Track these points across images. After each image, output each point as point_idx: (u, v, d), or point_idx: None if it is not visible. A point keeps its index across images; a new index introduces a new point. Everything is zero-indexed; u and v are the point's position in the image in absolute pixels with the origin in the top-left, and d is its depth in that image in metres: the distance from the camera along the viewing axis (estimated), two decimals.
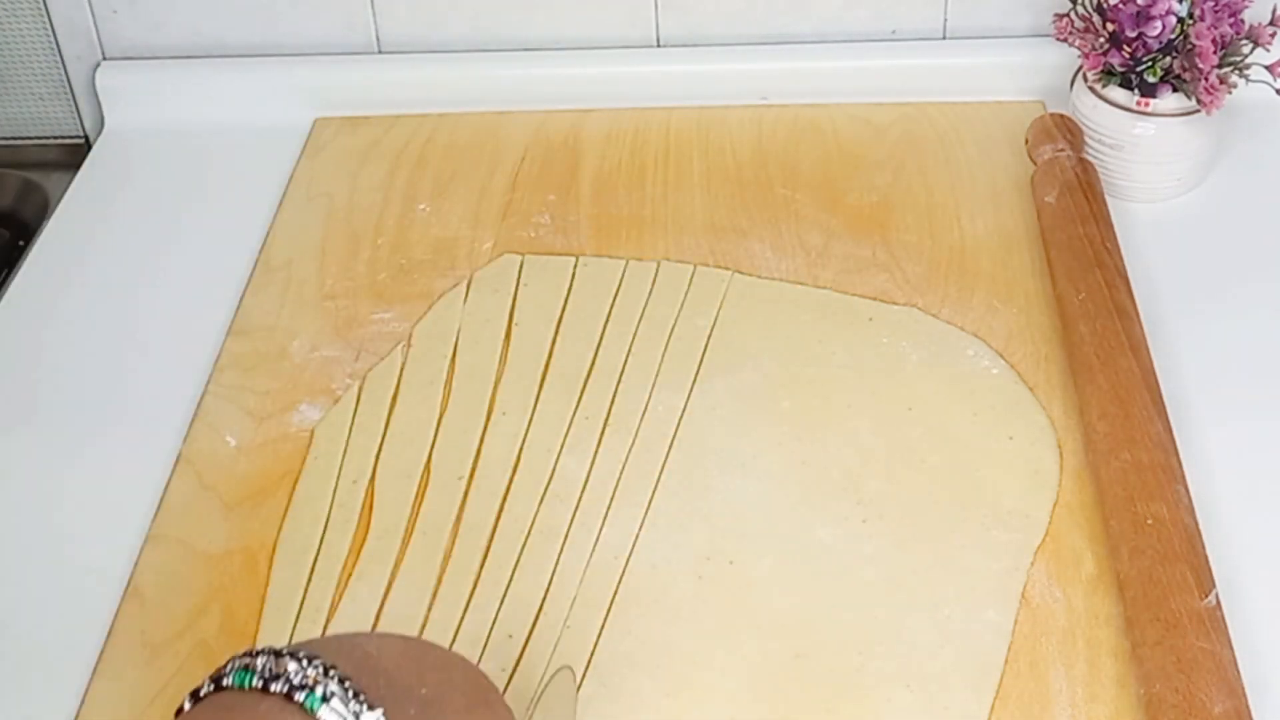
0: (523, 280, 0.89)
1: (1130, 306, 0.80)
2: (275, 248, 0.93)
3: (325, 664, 0.44)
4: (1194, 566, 0.65)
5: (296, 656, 0.44)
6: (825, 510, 0.73)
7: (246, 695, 0.43)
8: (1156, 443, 0.71)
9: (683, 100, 1.03)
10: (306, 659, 0.44)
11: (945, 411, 0.78)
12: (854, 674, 0.66)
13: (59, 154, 1.07)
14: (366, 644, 0.47)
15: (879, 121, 1.01)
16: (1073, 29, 0.91)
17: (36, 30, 1.04)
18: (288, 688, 0.43)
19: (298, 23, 1.04)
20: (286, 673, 0.43)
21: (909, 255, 0.89)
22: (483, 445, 0.78)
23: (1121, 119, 0.91)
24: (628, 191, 0.96)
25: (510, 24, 1.04)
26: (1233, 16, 0.87)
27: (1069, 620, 0.67)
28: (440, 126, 1.03)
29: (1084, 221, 0.85)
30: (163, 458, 0.78)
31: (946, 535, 0.72)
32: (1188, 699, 0.60)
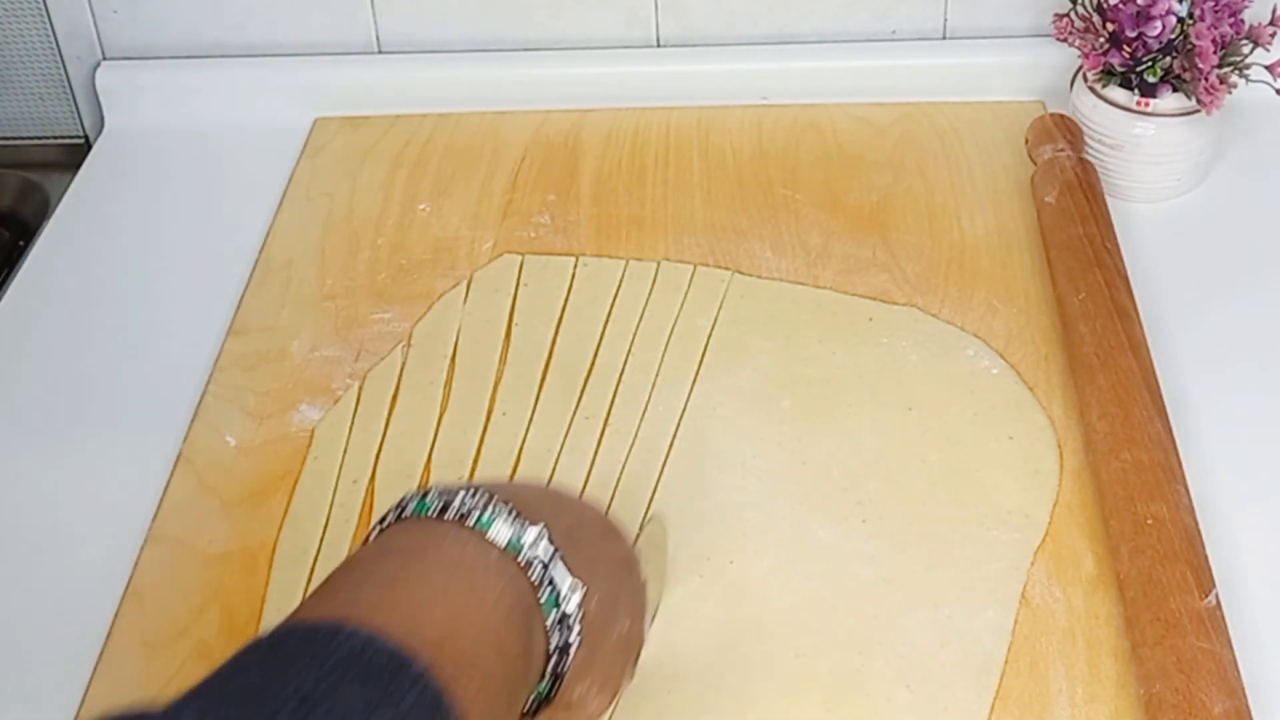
0: (523, 280, 0.89)
1: (1130, 306, 0.80)
2: (275, 248, 0.93)
3: (488, 493, 0.51)
4: (1194, 566, 0.65)
5: (462, 489, 0.52)
6: (825, 510, 0.73)
7: (427, 521, 0.51)
8: (1156, 443, 0.71)
9: (683, 100, 1.03)
10: (471, 490, 0.52)
11: (945, 411, 0.78)
12: (854, 674, 0.66)
13: (59, 154, 1.07)
14: (511, 486, 0.54)
15: (879, 121, 1.01)
16: (1073, 29, 0.91)
17: (36, 30, 1.04)
18: (460, 513, 0.51)
19: (298, 23, 1.04)
20: (456, 501, 0.51)
21: (909, 255, 0.89)
22: (483, 445, 0.78)
23: (1121, 119, 0.91)
24: (628, 191, 0.96)
25: (510, 24, 1.04)
26: (1233, 16, 0.87)
27: (1069, 620, 0.67)
28: (440, 126, 1.03)
29: (1084, 221, 0.85)
30: (163, 458, 0.78)
31: (946, 535, 0.72)
32: (1188, 699, 0.60)
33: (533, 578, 0.51)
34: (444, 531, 0.51)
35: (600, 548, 0.57)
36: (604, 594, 0.55)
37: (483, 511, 0.51)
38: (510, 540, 0.51)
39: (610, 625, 0.56)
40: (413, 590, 0.48)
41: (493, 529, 0.51)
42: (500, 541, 0.51)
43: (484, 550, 0.50)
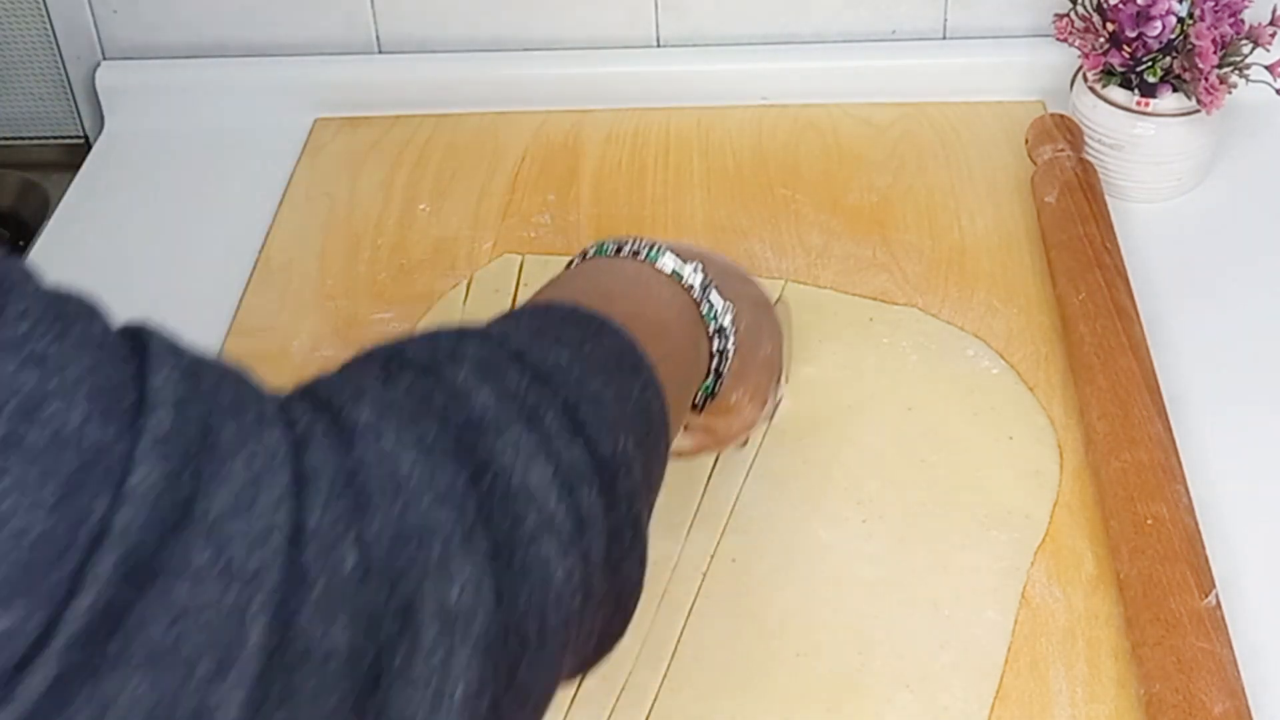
0: (523, 280, 0.89)
1: (1130, 306, 0.80)
2: (275, 248, 0.93)
3: (652, 241, 0.63)
4: (1194, 566, 0.65)
5: (632, 238, 0.63)
6: (825, 510, 0.73)
7: (607, 257, 0.63)
8: (1156, 443, 0.71)
9: (683, 100, 1.03)
10: (639, 239, 0.63)
11: (945, 411, 0.78)
12: (854, 674, 0.66)
13: (59, 154, 1.07)
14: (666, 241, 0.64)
15: (879, 121, 1.01)
16: (1073, 29, 0.91)
17: (36, 30, 1.04)
18: (633, 250, 0.62)
19: (298, 23, 1.04)
20: (629, 244, 0.63)
21: (909, 255, 0.89)
22: None
23: (1121, 119, 0.91)
24: (628, 191, 0.96)
25: (510, 24, 1.04)
26: (1233, 16, 0.87)
27: (1069, 620, 0.67)
28: (440, 126, 1.03)
29: (1084, 221, 0.85)
30: None
31: (946, 535, 0.72)
32: (1188, 699, 0.60)
33: (695, 297, 0.62)
34: (623, 262, 0.62)
35: (742, 289, 0.68)
36: (749, 320, 0.67)
37: (650, 249, 0.62)
38: (674, 269, 0.62)
39: (756, 346, 0.68)
40: (606, 287, 0.61)
41: (660, 261, 0.62)
42: (666, 270, 0.62)
43: (656, 272, 0.62)
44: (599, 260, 0.63)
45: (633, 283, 0.61)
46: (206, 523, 0.34)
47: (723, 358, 0.63)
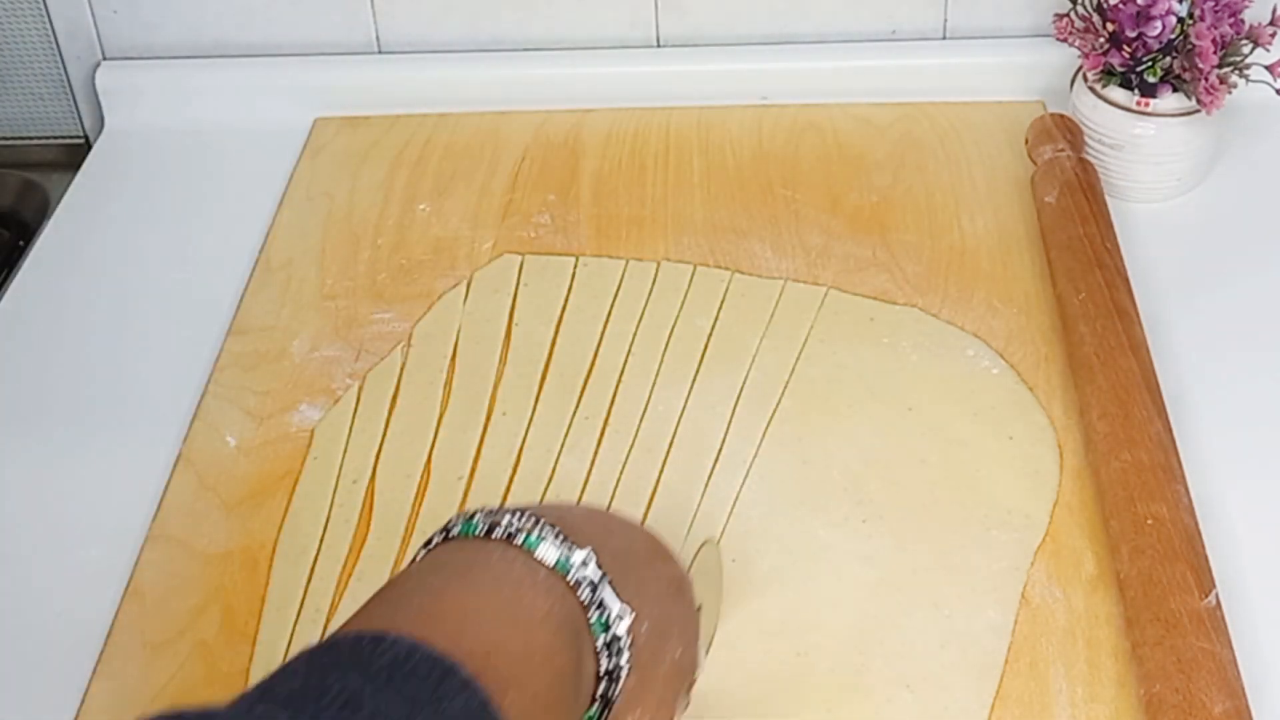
0: (523, 280, 0.89)
1: (1130, 306, 0.80)
2: (275, 248, 0.93)
3: (534, 515, 0.51)
4: (1194, 566, 0.65)
5: (508, 511, 0.52)
6: (825, 510, 0.73)
7: (473, 541, 0.51)
8: (1156, 443, 0.71)
9: (683, 100, 1.03)
10: (517, 512, 0.51)
11: (945, 411, 0.78)
12: (854, 674, 0.66)
13: (59, 154, 1.07)
14: (555, 508, 0.53)
15: (879, 121, 1.01)
16: (1073, 29, 0.91)
17: (36, 30, 1.04)
18: (507, 533, 0.50)
19: (298, 23, 1.04)
20: (503, 522, 0.51)
21: (909, 255, 0.89)
22: (483, 445, 0.78)
23: (1121, 119, 0.91)
24: (628, 191, 0.96)
25: (510, 24, 1.04)
26: (1233, 16, 0.87)
27: (1069, 620, 0.67)
28: (440, 126, 1.03)
29: (1084, 221, 0.85)
30: (163, 458, 0.78)
31: (946, 535, 0.72)
32: (1188, 699, 0.60)
33: (582, 598, 0.50)
34: (491, 549, 0.51)
35: (650, 571, 0.56)
36: (654, 619, 0.54)
37: (529, 533, 0.51)
38: (559, 560, 0.50)
39: (662, 652, 0.55)
40: (460, 602, 0.48)
41: (540, 549, 0.50)
42: (548, 561, 0.50)
43: (532, 568, 0.50)
44: (462, 550, 0.51)
45: (499, 591, 0.49)
46: None
47: (613, 680, 0.52)
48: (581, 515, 0.55)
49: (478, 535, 0.51)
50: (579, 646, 0.50)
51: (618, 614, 0.51)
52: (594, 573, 0.51)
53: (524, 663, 0.47)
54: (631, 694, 0.53)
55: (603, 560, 0.51)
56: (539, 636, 0.48)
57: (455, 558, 0.51)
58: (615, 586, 0.51)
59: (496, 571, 0.50)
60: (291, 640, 0.68)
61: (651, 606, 0.54)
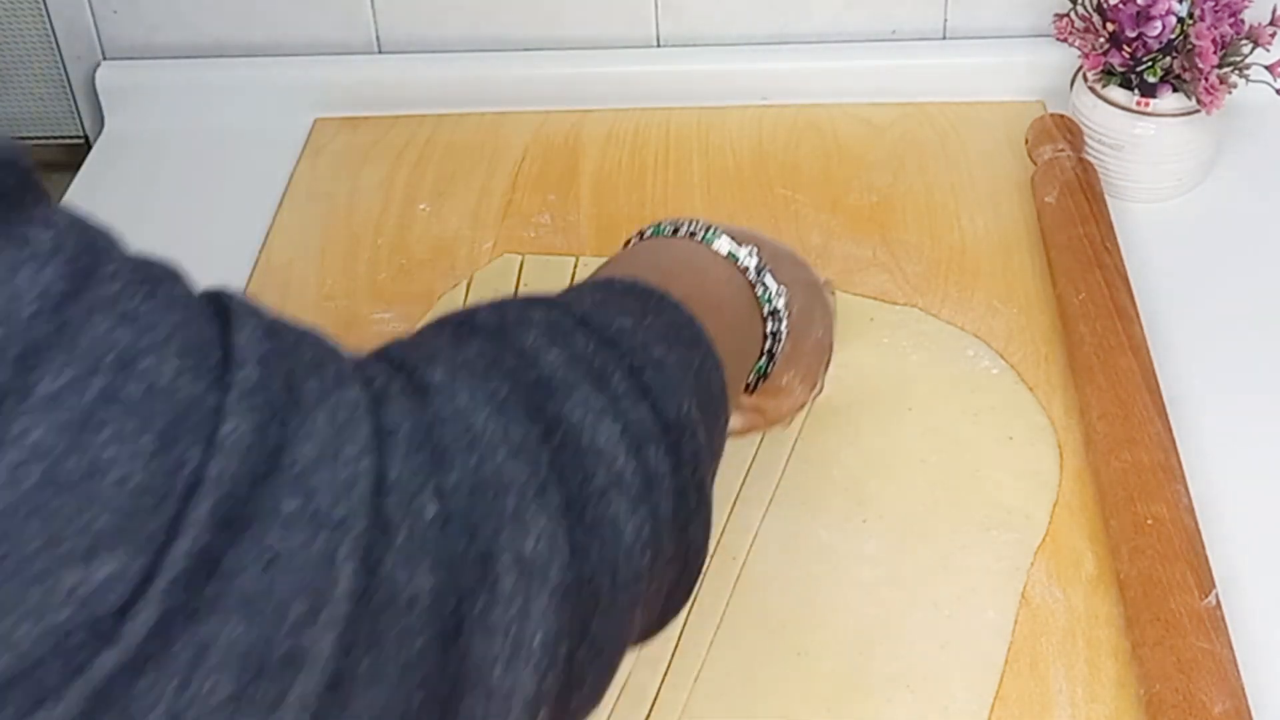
0: (523, 280, 0.89)
1: (1130, 306, 0.80)
2: (275, 248, 0.93)
3: (709, 222, 0.64)
4: (1194, 566, 0.65)
5: (688, 219, 0.64)
6: (825, 510, 0.73)
7: (663, 239, 0.64)
8: (1156, 443, 0.71)
9: (683, 100, 1.03)
10: (696, 220, 0.64)
11: (945, 411, 0.78)
12: (854, 674, 0.66)
13: (59, 154, 1.07)
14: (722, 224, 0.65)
15: (879, 121, 1.01)
16: (1073, 29, 0.91)
17: (36, 30, 1.04)
18: (689, 232, 0.64)
19: (298, 23, 1.04)
20: (684, 225, 0.64)
21: (909, 255, 0.89)
22: None
23: (1121, 119, 0.91)
24: (628, 191, 0.96)
25: (510, 24, 1.04)
26: (1233, 16, 0.87)
27: (1069, 620, 0.67)
28: (440, 126, 1.03)
29: (1084, 221, 0.85)
30: None
31: (946, 535, 0.72)
32: (1188, 699, 0.60)
33: (750, 279, 0.63)
34: (678, 240, 0.64)
35: (795, 272, 0.69)
36: (802, 304, 0.68)
37: (707, 231, 0.63)
38: (730, 251, 0.63)
39: (808, 329, 0.69)
40: (661, 265, 0.61)
41: (716, 243, 0.63)
42: (722, 251, 0.63)
43: (711, 253, 0.63)
44: (656, 240, 0.64)
45: (690, 262, 0.62)
46: (294, 472, 0.35)
47: (776, 339, 0.64)
48: (741, 229, 0.65)
49: (666, 235, 0.64)
50: (750, 311, 0.63)
51: (777, 291, 0.63)
52: (757, 262, 0.63)
53: (714, 307, 0.57)
54: (788, 356, 0.67)
55: (763, 254, 0.64)
56: (722, 294, 0.61)
57: (652, 244, 0.64)
58: (773, 274, 0.64)
59: (687, 253, 0.63)
60: None
61: (799, 293, 0.67)
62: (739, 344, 0.62)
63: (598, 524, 0.43)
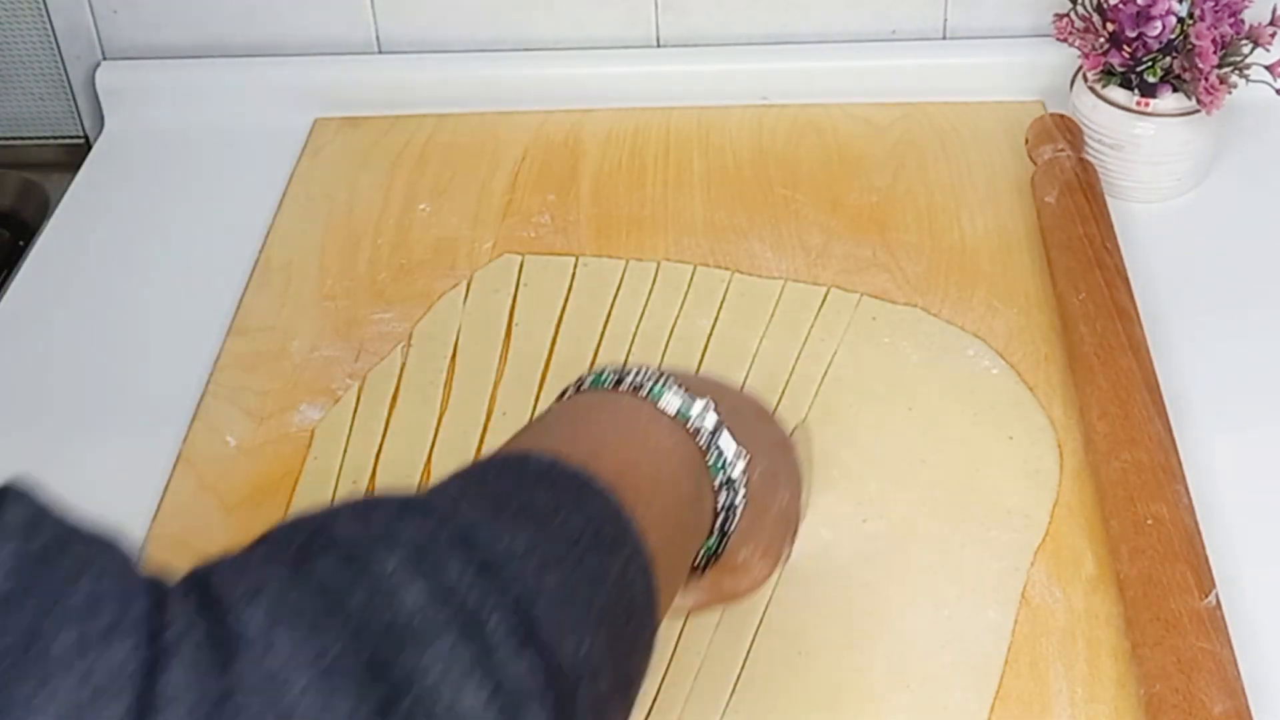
0: (523, 280, 0.89)
1: (1130, 306, 0.80)
2: (275, 248, 0.93)
3: (658, 371, 0.57)
4: (1194, 566, 0.65)
5: (634, 368, 0.57)
6: (825, 510, 0.73)
7: (603, 391, 0.57)
8: (1156, 443, 0.71)
9: (683, 100, 1.03)
10: (643, 368, 0.57)
11: (945, 411, 0.78)
12: (854, 674, 0.66)
13: (59, 154, 1.07)
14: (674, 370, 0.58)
15: (879, 121, 1.01)
16: (1073, 29, 0.91)
17: (36, 30, 1.04)
18: (634, 385, 0.56)
19: (298, 23, 1.04)
20: (630, 375, 0.56)
21: (909, 255, 0.89)
22: (483, 445, 0.78)
23: (1121, 119, 0.91)
24: (628, 191, 0.96)
25: (510, 24, 1.04)
26: (1233, 16, 0.87)
27: (1069, 620, 0.67)
28: (440, 126, 1.03)
29: (1084, 221, 0.85)
30: (163, 458, 0.78)
31: (946, 535, 0.72)
32: (1188, 699, 0.60)
33: (701, 443, 0.56)
34: (620, 396, 0.56)
35: (758, 429, 0.62)
36: (764, 467, 0.60)
37: (654, 384, 0.56)
38: (680, 408, 0.56)
39: (771, 496, 0.61)
40: (593, 432, 0.54)
41: (664, 399, 0.56)
42: (670, 410, 0.55)
43: (656, 414, 0.55)
44: (593, 396, 0.57)
45: (629, 427, 0.55)
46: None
47: (729, 514, 0.57)
48: (697, 378, 0.60)
49: (607, 387, 0.57)
50: (699, 483, 0.55)
51: (734, 456, 0.56)
52: (712, 420, 0.56)
53: (651, 485, 0.51)
54: (745, 531, 0.59)
55: (720, 410, 0.56)
56: (665, 466, 0.54)
57: (588, 400, 0.57)
58: (731, 434, 0.56)
59: (626, 415, 0.55)
60: None
61: (761, 455, 0.60)
62: (681, 528, 0.54)
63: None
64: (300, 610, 0.35)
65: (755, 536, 0.61)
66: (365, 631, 0.36)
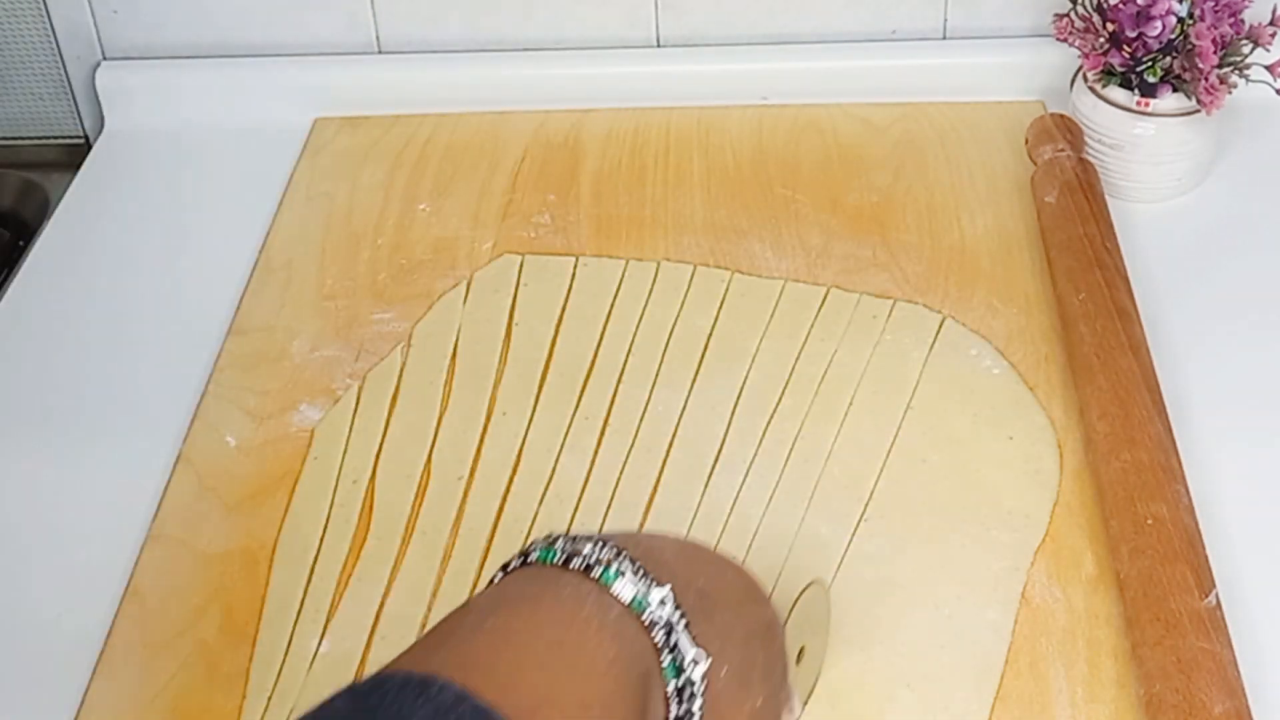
0: (523, 280, 0.89)
1: (1130, 306, 0.80)
2: (275, 248, 0.93)
3: (617, 546, 0.49)
4: (1194, 566, 0.65)
5: (591, 539, 0.49)
6: (825, 509, 0.73)
7: (550, 569, 0.49)
8: (1156, 443, 0.71)
9: (683, 100, 1.03)
10: (600, 542, 0.49)
11: (945, 411, 0.78)
12: (854, 673, 0.66)
13: (59, 154, 1.07)
14: (646, 539, 0.52)
15: (879, 121, 1.01)
16: (1073, 29, 0.91)
17: (36, 30, 1.04)
18: (585, 565, 0.48)
19: (298, 23, 1.04)
20: (583, 552, 0.49)
21: (909, 255, 0.89)
22: (483, 445, 0.78)
23: (1121, 119, 0.91)
24: (628, 191, 0.96)
25: (510, 24, 1.04)
26: (1233, 16, 0.87)
27: (1069, 620, 0.67)
28: (440, 126, 1.03)
29: (1084, 221, 0.85)
30: (163, 458, 0.78)
31: (946, 535, 0.72)
32: (1188, 699, 0.60)
33: (655, 640, 0.48)
34: (565, 581, 0.49)
35: (738, 613, 0.53)
36: (735, 665, 0.51)
37: (609, 566, 0.49)
38: (635, 598, 0.48)
39: (741, 700, 0.52)
40: (517, 647, 0.46)
41: (617, 584, 0.48)
42: (624, 598, 0.48)
43: (604, 606, 0.48)
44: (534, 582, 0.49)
45: (564, 628, 0.47)
46: None
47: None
48: (672, 549, 0.53)
49: (555, 563, 0.49)
50: (648, 691, 0.48)
51: (692, 659, 0.49)
52: (671, 613, 0.48)
53: (579, 714, 0.45)
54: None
55: (684, 600, 0.49)
56: (599, 686, 0.46)
57: (525, 589, 0.49)
58: (694, 629, 0.49)
59: (566, 610, 0.48)
60: (291, 641, 0.68)
61: (734, 651, 0.52)
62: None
63: None
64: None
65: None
66: None
